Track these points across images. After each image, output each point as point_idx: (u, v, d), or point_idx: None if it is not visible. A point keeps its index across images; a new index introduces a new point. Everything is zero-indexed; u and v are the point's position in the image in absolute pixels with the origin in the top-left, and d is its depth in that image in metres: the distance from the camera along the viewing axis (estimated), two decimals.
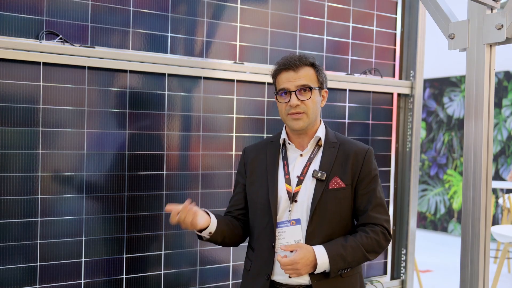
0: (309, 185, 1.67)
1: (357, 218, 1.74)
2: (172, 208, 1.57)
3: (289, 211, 1.67)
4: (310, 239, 1.64)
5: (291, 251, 1.59)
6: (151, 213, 2.21)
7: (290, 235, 1.65)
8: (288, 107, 1.66)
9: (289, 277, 1.63)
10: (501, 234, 3.71)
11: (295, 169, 1.71)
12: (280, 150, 1.76)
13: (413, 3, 2.91)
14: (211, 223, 1.66)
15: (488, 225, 1.65)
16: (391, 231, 2.94)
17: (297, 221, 1.65)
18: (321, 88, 1.71)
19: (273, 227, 1.67)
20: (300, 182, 1.68)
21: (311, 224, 1.64)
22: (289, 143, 1.74)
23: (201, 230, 1.66)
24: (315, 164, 1.70)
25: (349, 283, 1.68)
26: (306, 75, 1.67)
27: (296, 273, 1.55)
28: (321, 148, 1.72)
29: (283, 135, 1.76)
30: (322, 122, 1.77)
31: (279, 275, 1.66)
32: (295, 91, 1.65)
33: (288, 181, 1.69)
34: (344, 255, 1.59)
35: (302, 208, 1.66)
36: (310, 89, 1.66)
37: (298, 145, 1.74)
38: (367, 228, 1.67)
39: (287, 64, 1.67)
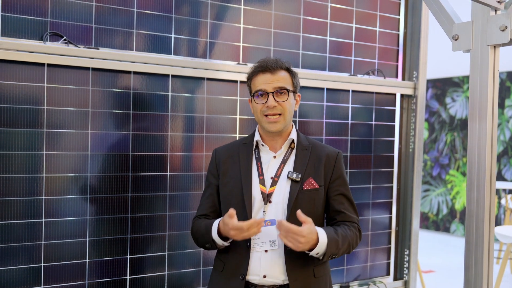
0: (284, 186, 1.70)
1: (329, 218, 1.78)
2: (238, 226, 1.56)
3: (264, 211, 1.68)
4: None
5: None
6: (154, 214, 2.22)
7: (265, 236, 1.65)
8: (265, 108, 1.68)
9: (264, 276, 1.65)
10: (504, 234, 3.70)
11: (269, 171, 1.73)
12: (253, 151, 1.77)
13: (416, 4, 2.91)
14: None
15: (492, 226, 1.65)
16: (393, 231, 2.97)
17: (272, 222, 1.66)
18: (295, 92, 1.76)
19: None
20: (274, 183, 1.70)
21: None
22: (262, 145, 1.76)
23: (226, 239, 1.67)
24: (289, 166, 1.73)
25: (322, 283, 1.72)
26: (282, 78, 1.71)
27: (295, 245, 1.53)
28: (294, 150, 1.76)
29: (257, 137, 1.77)
30: (293, 125, 1.80)
31: (254, 275, 1.67)
32: (272, 93, 1.68)
33: (262, 182, 1.71)
34: (338, 241, 1.63)
35: (277, 209, 1.68)
36: (287, 91, 1.70)
37: (271, 147, 1.76)
38: (347, 223, 1.73)
39: (265, 67, 1.70)
